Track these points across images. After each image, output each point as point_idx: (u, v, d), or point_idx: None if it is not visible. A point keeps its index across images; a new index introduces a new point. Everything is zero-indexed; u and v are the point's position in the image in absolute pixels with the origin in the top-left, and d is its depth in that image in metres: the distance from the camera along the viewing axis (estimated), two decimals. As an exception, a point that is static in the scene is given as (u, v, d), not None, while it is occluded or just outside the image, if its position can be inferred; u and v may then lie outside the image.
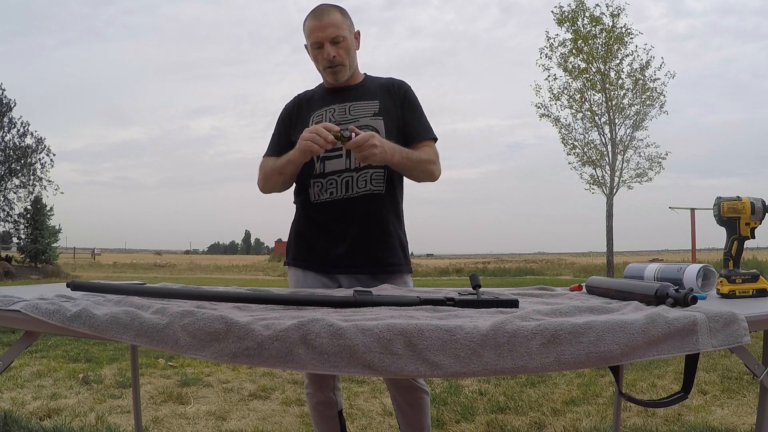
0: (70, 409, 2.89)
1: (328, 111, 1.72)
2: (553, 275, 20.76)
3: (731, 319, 0.94)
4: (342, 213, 1.68)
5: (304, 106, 1.79)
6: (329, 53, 1.66)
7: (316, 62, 1.72)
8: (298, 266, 1.76)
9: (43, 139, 20.88)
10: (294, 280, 1.77)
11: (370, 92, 1.75)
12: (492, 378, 3.51)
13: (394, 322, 0.91)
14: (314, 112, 1.74)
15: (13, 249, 22.31)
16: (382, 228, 1.71)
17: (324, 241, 1.71)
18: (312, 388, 1.80)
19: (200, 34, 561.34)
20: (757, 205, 1.31)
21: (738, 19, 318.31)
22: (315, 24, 1.66)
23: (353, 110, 1.71)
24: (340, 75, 1.71)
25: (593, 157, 15.98)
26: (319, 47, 1.67)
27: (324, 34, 1.65)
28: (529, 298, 1.34)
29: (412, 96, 1.78)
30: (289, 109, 1.81)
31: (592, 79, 15.69)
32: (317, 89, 1.83)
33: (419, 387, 1.78)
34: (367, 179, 1.68)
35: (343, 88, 1.76)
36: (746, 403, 2.96)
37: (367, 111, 1.71)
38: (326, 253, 1.71)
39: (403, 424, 1.82)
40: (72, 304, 1.05)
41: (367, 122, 1.69)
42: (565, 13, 15.72)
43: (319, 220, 1.72)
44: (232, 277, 21.52)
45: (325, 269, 1.72)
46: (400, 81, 1.81)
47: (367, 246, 1.69)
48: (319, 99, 1.78)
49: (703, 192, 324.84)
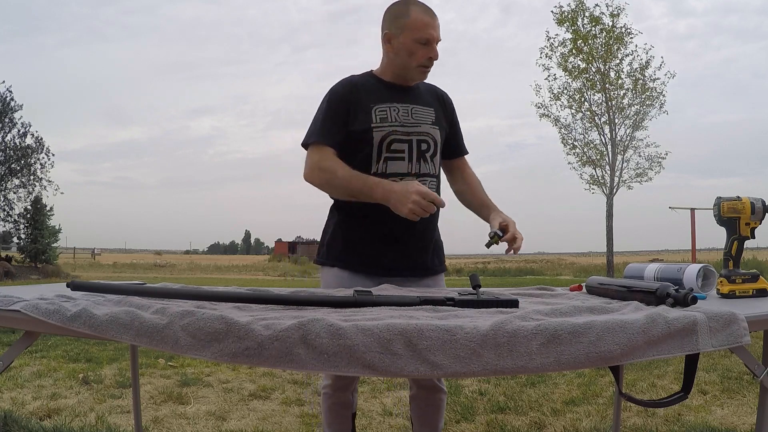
0: (70, 409, 2.89)
1: (392, 109, 1.67)
2: (553, 275, 20.76)
3: (731, 319, 0.95)
4: (396, 216, 1.60)
5: (362, 94, 1.68)
6: (437, 53, 1.65)
7: (408, 56, 1.64)
8: (346, 268, 1.69)
9: (42, 139, 20.92)
10: (336, 282, 1.68)
11: (425, 98, 1.74)
12: (492, 378, 3.51)
13: (394, 322, 0.91)
14: (376, 104, 1.67)
15: (13, 249, 22.32)
16: (431, 235, 1.74)
17: (376, 244, 1.67)
18: (331, 388, 1.76)
19: (200, 34, 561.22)
20: (757, 205, 1.31)
21: (739, 19, 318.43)
22: (429, 21, 1.63)
23: (415, 114, 1.69)
24: (426, 76, 1.71)
25: (593, 157, 15.99)
26: (425, 44, 1.63)
27: (436, 33, 1.64)
28: (529, 298, 1.34)
29: (455, 110, 1.84)
30: (344, 95, 1.68)
31: (592, 79, 15.70)
32: (370, 79, 1.73)
33: (440, 387, 1.79)
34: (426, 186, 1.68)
35: (403, 88, 1.72)
36: (746, 403, 2.96)
37: (426, 118, 1.71)
38: (378, 257, 1.67)
39: (417, 423, 1.81)
40: (72, 304, 1.05)
41: (427, 130, 1.69)
42: (564, 13, 15.73)
43: (369, 221, 1.66)
44: (232, 277, 21.53)
45: (375, 272, 1.67)
46: (447, 94, 1.83)
47: (417, 252, 1.70)
48: (379, 92, 1.69)
49: (703, 192, 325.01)
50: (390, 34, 1.67)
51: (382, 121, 1.65)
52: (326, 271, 1.74)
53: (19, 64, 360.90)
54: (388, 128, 1.64)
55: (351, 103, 1.66)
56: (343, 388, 1.77)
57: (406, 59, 1.65)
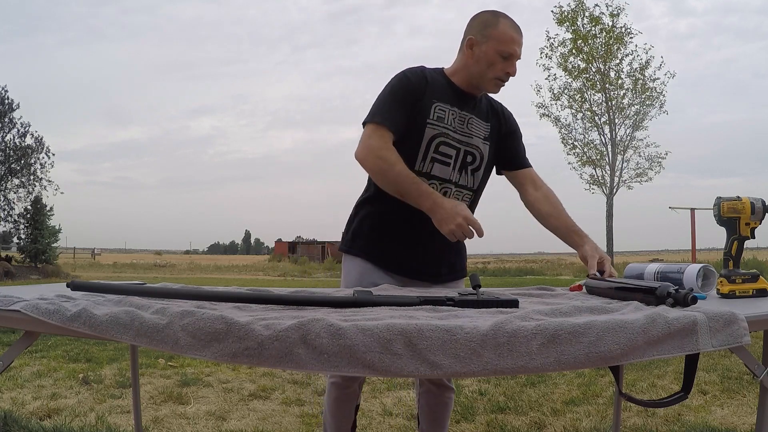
0: (70, 409, 2.89)
1: (450, 111, 1.66)
2: (553, 275, 20.74)
3: (731, 319, 0.95)
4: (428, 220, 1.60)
5: (429, 88, 1.66)
6: (515, 70, 1.65)
7: (487, 66, 1.63)
8: (370, 260, 1.69)
9: (42, 139, 20.93)
10: (358, 272, 1.69)
11: (484, 111, 1.74)
12: (492, 378, 3.51)
13: (394, 322, 0.91)
14: (437, 102, 1.65)
15: (13, 249, 22.31)
16: (459, 244, 1.75)
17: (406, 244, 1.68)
18: (339, 377, 1.75)
19: (200, 33, 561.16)
20: (757, 205, 1.31)
21: (739, 19, 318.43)
22: (516, 37, 1.62)
23: (471, 125, 1.69)
24: (499, 90, 1.70)
25: (593, 157, 16.00)
26: (506, 58, 1.62)
27: (519, 50, 1.64)
28: (529, 298, 1.34)
29: (518, 128, 1.83)
30: (415, 85, 1.65)
31: (592, 79, 15.71)
32: (440, 76, 1.71)
33: (450, 386, 1.81)
34: (461, 197, 1.69)
35: (468, 95, 1.71)
36: (746, 403, 2.96)
37: (480, 131, 1.71)
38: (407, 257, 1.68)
39: (424, 421, 1.83)
40: (72, 304, 1.05)
41: (478, 144, 1.69)
42: (564, 13, 15.74)
43: (403, 219, 1.66)
44: (232, 277, 21.52)
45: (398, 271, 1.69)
46: (509, 111, 1.82)
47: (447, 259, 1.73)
48: (444, 91, 1.68)
49: (703, 192, 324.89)
50: (474, 40, 1.65)
51: (438, 120, 1.64)
52: (349, 260, 1.73)
53: (18, 64, 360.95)
54: (441, 128, 1.64)
55: (419, 93, 1.64)
56: (352, 379, 1.76)
57: (485, 69, 1.63)
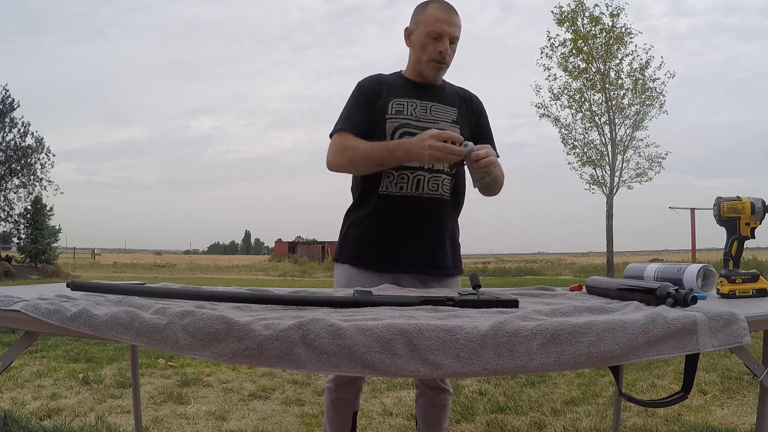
0: (70, 409, 2.89)
1: (409, 103, 1.69)
2: (553, 275, 20.75)
3: (731, 319, 0.94)
4: (409, 211, 1.65)
5: (384, 88, 1.72)
6: (446, 48, 1.66)
7: (421, 50, 1.67)
8: (356, 265, 1.71)
9: (42, 139, 20.93)
10: (345, 278, 1.72)
11: (449, 98, 1.75)
12: (492, 378, 3.51)
13: (394, 322, 0.91)
14: (394, 98, 1.70)
15: (13, 249, 22.31)
16: (445, 232, 1.72)
17: (388, 239, 1.68)
18: (335, 383, 1.77)
19: (200, 33, 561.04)
20: (757, 205, 1.31)
21: (740, 18, 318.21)
22: (443, 16, 1.65)
23: (434, 111, 1.70)
24: (441, 73, 1.71)
25: (593, 157, 15.99)
26: (436, 38, 1.65)
27: (449, 29, 1.65)
28: (529, 298, 1.34)
29: (486, 114, 1.83)
30: (369, 88, 1.73)
31: (592, 79, 15.69)
32: (396, 77, 1.78)
33: (446, 388, 1.80)
34: (439, 183, 1.67)
35: (426, 86, 1.74)
36: (746, 403, 2.96)
37: (446, 116, 1.71)
38: (390, 252, 1.68)
39: (422, 423, 1.83)
40: (72, 304, 1.05)
41: (446, 127, 1.69)
42: (564, 13, 15.72)
43: (384, 215, 1.68)
44: (232, 277, 21.52)
45: (386, 269, 1.68)
46: (477, 96, 1.83)
47: (430, 249, 1.70)
48: (400, 87, 1.73)
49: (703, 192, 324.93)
50: (409, 30, 1.72)
51: (397, 114, 1.67)
52: (338, 268, 1.77)
53: (18, 64, 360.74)
54: (402, 120, 1.66)
55: (374, 95, 1.70)
56: (347, 385, 1.77)
57: (419, 53, 1.68)
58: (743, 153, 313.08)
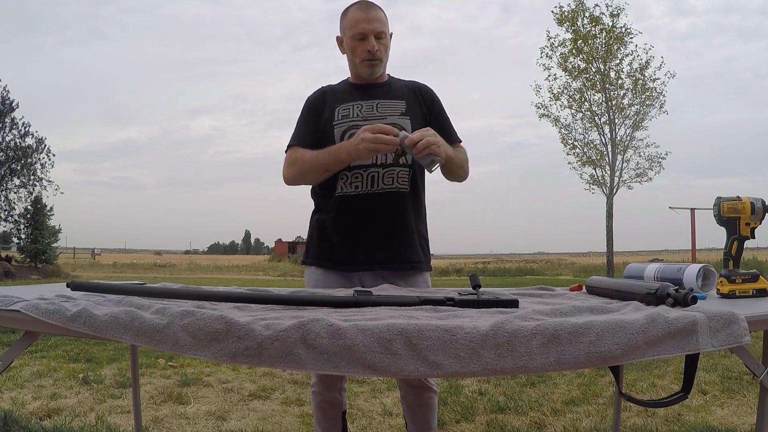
0: (70, 409, 2.89)
1: (355, 106, 1.71)
2: (553, 275, 20.75)
3: (731, 319, 0.94)
4: (365, 209, 1.67)
5: (329, 98, 1.76)
6: (373, 45, 1.67)
7: (352, 54, 1.71)
8: (321, 266, 1.74)
9: (43, 139, 20.92)
10: (313, 280, 1.75)
11: (397, 92, 1.76)
12: (492, 378, 3.51)
13: (394, 322, 0.91)
14: (340, 104, 1.72)
15: (13, 249, 22.32)
16: (405, 226, 1.71)
17: (347, 238, 1.69)
18: (319, 386, 1.80)
19: (200, 33, 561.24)
20: (757, 205, 1.31)
21: (740, 18, 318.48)
22: (362, 16, 1.67)
23: (381, 108, 1.71)
24: (377, 69, 1.72)
25: (593, 157, 15.99)
26: (361, 39, 1.67)
27: (370, 27, 1.66)
28: (529, 298, 1.34)
29: (438, 100, 1.82)
30: (314, 101, 1.78)
31: (592, 79, 15.69)
32: (342, 84, 1.81)
33: (429, 387, 1.80)
34: (394, 177, 1.67)
35: (371, 85, 1.75)
36: (746, 403, 2.96)
37: (394, 110, 1.72)
38: (349, 251, 1.69)
39: (410, 422, 1.83)
40: (72, 304, 1.05)
41: (395, 120, 1.69)
42: (564, 13, 15.73)
43: (341, 215, 1.70)
44: (232, 277, 21.52)
45: (348, 268, 1.70)
46: (426, 85, 1.83)
47: (390, 244, 1.69)
48: (345, 93, 1.76)
49: (703, 192, 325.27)
50: (339, 38, 1.77)
51: (344, 118, 1.70)
52: (306, 270, 1.81)
53: (18, 64, 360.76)
54: (349, 123, 1.69)
55: (319, 107, 1.75)
56: (330, 387, 1.80)
57: (352, 57, 1.73)
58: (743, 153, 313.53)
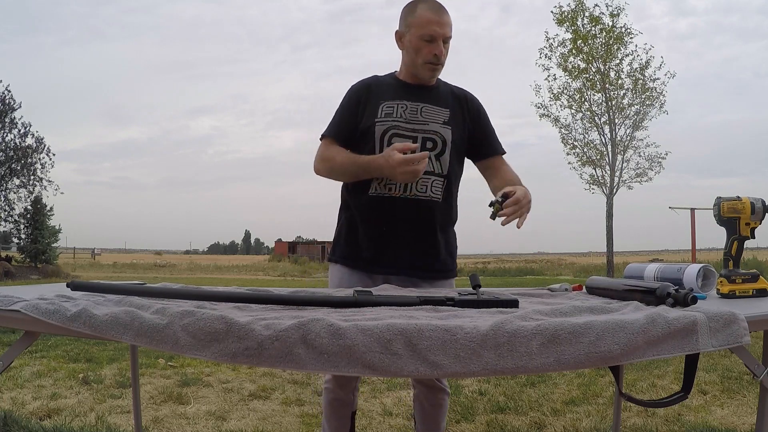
0: (70, 409, 2.89)
1: (399, 105, 1.68)
2: (553, 275, 20.75)
3: (731, 319, 0.94)
4: (396, 212, 1.65)
5: (374, 91, 1.73)
6: (441, 50, 1.65)
7: (415, 53, 1.66)
8: (346, 264, 1.73)
9: (43, 139, 20.92)
10: (337, 278, 1.74)
11: (442, 99, 1.74)
12: (492, 378, 3.51)
13: (394, 322, 0.91)
14: (385, 101, 1.70)
15: (13, 249, 22.31)
16: (433, 234, 1.71)
17: (375, 239, 1.68)
18: (333, 383, 1.78)
19: (200, 33, 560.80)
20: (757, 205, 1.31)
21: (740, 18, 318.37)
22: (434, 18, 1.64)
23: (425, 113, 1.69)
24: (437, 73, 1.71)
25: (593, 157, 15.99)
26: (430, 41, 1.64)
27: (442, 30, 1.64)
28: (529, 298, 1.34)
29: (485, 112, 1.82)
30: (358, 92, 1.75)
31: (591, 79, 15.70)
32: (389, 78, 1.78)
33: (442, 388, 1.80)
34: (428, 185, 1.67)
35: (419, 87, 1.73)
36: (746, 403, 2.96)
37: (437, 117, 1.70)
38: (376, 252, 1.68)
39: (420, 422, 1.83)
40: (72, 304, 1.05)
41: (437, 129, 1.68)
42: (564, 13, 15.73)
43: (371, 216, 1.68)
44: (232, 277, 21.52)
45: (373, 269, 1.69)
46: (473, 95, 1.82)
47: (417, 249, 1.69)
48: (391, 89, 1.73)
49: (703, 192, 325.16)
50: (400, 33, 1.71)
51: (386, 117, 1.68)
52: (331, 268, 1.80)
53: (19, 64, 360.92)
54: (391, 123, 1.67)
55: (362, 100, 1.72)
56: (343, 386, 1.78)
57: (414, 57, 1.68)
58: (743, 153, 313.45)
